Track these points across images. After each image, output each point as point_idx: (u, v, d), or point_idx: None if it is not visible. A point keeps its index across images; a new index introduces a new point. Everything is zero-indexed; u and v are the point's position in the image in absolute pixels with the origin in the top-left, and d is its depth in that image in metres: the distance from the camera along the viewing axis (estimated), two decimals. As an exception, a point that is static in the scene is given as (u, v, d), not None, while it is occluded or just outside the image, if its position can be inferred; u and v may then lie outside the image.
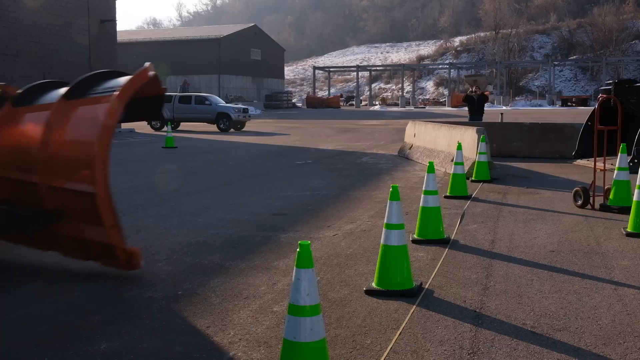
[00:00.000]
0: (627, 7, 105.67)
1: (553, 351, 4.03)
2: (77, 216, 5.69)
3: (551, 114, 49.19)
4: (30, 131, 6.05)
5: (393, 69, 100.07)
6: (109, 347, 4.10)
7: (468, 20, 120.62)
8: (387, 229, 5.18)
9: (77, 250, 5.93)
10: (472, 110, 24.41)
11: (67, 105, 5.88)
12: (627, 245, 6.97)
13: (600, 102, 9.99)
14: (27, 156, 5.94)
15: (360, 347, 4.10)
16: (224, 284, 5.49)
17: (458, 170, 10.28)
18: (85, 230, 5.66)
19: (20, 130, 6.20)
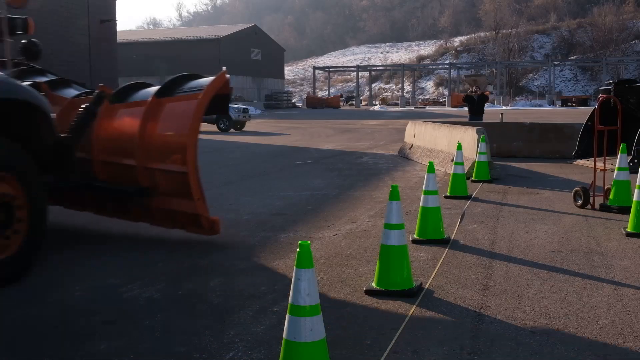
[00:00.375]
0: (627, 7, 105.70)
1: (553, 351, 4.04)
2: (167, 192, 6.93)
3: (551, 114, 49.19)
4: (128, 123, 7.28)
5: (393, 69, 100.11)
6: (109, 347, 4.10)
7: (468, 20, 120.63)
8: (387, 229, 5.18)
9: (165, 220, 7.16)
10: (472, 110, 24.42)
11: (158, 102, 7.16)
12: (627, 245, 6.97)
13: (600, 102, 9.99)
14: (125, 143, 7.13)
15: (360, 347, 4.10)
16: (224, 284, 5.49)
17: (458, 170, 10.28)
18: (173, 203, 6.89)
19: (119, 123, 7.40)
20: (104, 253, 6.63)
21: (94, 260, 6.34)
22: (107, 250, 6.74)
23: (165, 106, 7.13)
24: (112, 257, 6.47)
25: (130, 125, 7.21)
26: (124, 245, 6.97)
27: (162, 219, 7.17)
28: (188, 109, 6.80)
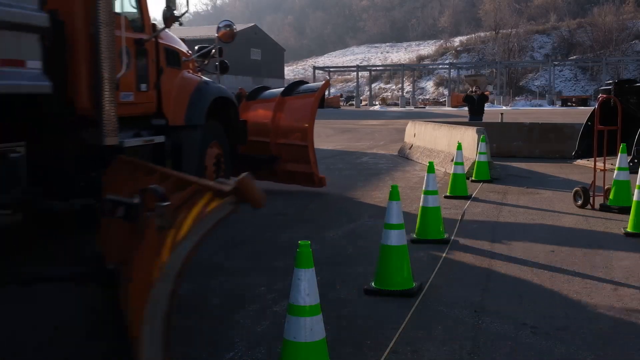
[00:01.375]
0: (627, 7, 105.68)
1: (553, 351, 4.03)
2: (289, 159, 10.34)
3: (551, 114, 49.19)
4: (262, 113, 10.71)
5: (393, 69, 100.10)
6: (109, 347, 4.10)
7: (468, 20, 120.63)
8: (387, 229, 5.18)
9: (287, 179, 10.60)
10: (472, 110, 24.45)
11: (282, 100, 10.73)
12: (627, 245, 6.97)
13: (600, 102, 9.99)
14: (261, 127, 10.43)
15: (360, 347, 4.10)
16: (224, 284, 5.49)
17: (458, 170, 10.28)
18: (294, 166, 10.33)
19: (255, 114, 10.72)
20: (104, 253, 6.63)
21: (94, 260, 6.33)
22: (107, 250, 6.73)
23: (287, 102, 10.67)
24: (112, 257, 6.47)
25: (264, 114, 10.66)
26: (124, 245, 6.97)
27: (284, 179, 10.59)
28: (307, 103, 10.47)
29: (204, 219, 3.02)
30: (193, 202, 3.08)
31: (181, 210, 3.09)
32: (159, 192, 3.26)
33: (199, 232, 3.09)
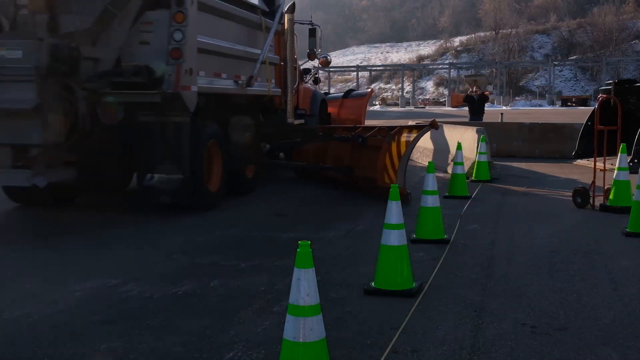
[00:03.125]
0: (627, 7, 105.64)
1: (553, 351, 4.03)
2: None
3: (551, 114, 49.16)
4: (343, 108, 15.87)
5: (393, 69, 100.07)
6: (109, 347, 4.10)
7: (468, 20, 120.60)
8: (387, 229, 5.17)
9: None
10: (473, 110, 24.44)
11: (343, 100, 15.79)
12: (627, 245, 6.97)
13: (600, 102, 9.99)
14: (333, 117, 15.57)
15: (360, 347, 4.10)
16: (224, 284, 5.49)
17: (458, 170, 10.28)
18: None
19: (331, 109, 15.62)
20: (104, 253, 6.63)
21: (94, 260, 6.34)
22: (106, 250, 6.74)
23: (346, 102, 15.89)
24: (112, 257, 6.47)
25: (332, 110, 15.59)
26: (124, 245, 6.97)
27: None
28: (361, 104, 16.25)
29: (413, 139, 9.42)
30: (399, 132, 9.67)
31: (396, 134, 9.65)
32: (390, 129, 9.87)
33: (412, 143, 9.47)
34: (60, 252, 6.67)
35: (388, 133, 9.92)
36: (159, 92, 7.94)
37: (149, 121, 8.23)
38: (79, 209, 9.40)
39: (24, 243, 7.15)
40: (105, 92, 7.88)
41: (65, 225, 8.15)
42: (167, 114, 8.17)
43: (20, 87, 7.32)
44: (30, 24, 7.85)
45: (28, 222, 8.42)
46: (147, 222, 8.37)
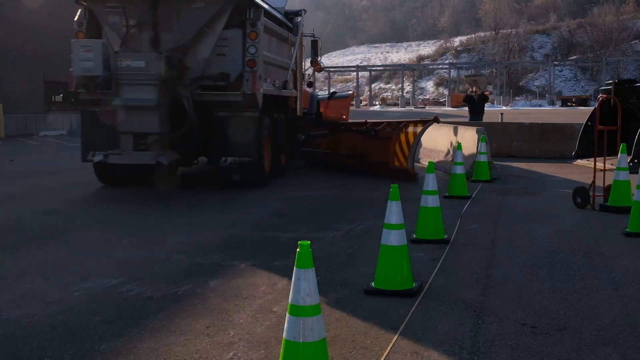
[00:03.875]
0: (627, 7, 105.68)
1: (553, 351, 4.03)
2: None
3: (551, 114, 49.15)
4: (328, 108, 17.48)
5: (393, 69, 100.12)
6: (108, 347, 4.10)
7: (468, 20, 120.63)
8: (387, 229, 5.17)
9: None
10: (472, 110, 24.45)
11: (328, 101, 17.83)
12: (627, 245, 6.97)
13: (600, 102, 9.99)
14: None
15: (360, 347, 4.10)
16: (224, 284, 5.49)
17: (458, 170, 10.28)
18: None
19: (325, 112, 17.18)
20: (104, 253, 6.63)
21: (94, 260, 6.34)
22: (106, 250, 6.74)
23: (330, 103, 17.80)
24: (112, 257, 6.47)
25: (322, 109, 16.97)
26: (124, 245, 6.97)
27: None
28: (344, 104, 19.28)
29: (420, 131, 12.04)
30: (406, 125, 12.32)
31: (404, 127, 12.28)
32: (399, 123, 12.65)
33: (419, 134, 12.06)
34: (61, 252, 6.67)
35: (397, 126, 12.70)
36: (240, 93, 10.40)
37: (224, 116, 10.63)
38: (79, 209, 9.41)
39: (24, 243, 7.15)
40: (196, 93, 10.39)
41: (65, 225, 8.15)
42: (241, 110, 10.60)
43: (144, 89, 9.75)
44: (138, 40, 10.50)
45: (28, 222, 8.43)
46: (147, 222, 8.37)
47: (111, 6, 10.69)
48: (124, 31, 10.57)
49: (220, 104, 10.60)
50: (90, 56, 10.23)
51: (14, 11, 28.54)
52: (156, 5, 10.50)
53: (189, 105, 10.23)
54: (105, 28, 10.84)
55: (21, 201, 10.14)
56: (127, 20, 10.53)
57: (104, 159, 10.13)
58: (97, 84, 10.30)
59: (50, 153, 20.39)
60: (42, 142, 25.38)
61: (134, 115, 9.87)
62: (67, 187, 11.80)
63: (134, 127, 9.95)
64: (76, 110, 12.74)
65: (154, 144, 10.02)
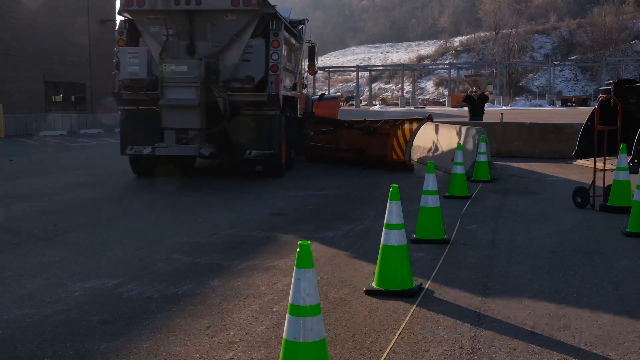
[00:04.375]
0: (627, 7, 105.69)
1: (553, 351, 4.03)
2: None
3: (551, 114, 49.17)
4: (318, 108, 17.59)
5: (393, 69, 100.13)
6: (108, 347, 4.10)
7: (468, 20, 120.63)
8: (387, 229, 5.17)
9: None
10: (472, 110, 24.46)
11: (318, 102, 18.21)
12: (627, 245, 6.97)
13: (600, 102, 9.98)
14: None
15: (360, 347, 4.10)
16: (224, 284, 5.49)
17: (458, 170, 10.28)
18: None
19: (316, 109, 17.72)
20: (104, 253, 6.63)
21: (94, 260, 6.34)
22: (106, 250, 6.74)
23: (321, 103, 18.41)
24: (112, 257, 6.47)
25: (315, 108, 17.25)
26: (124, 245, 6.97)
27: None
28: (333, 104, 20.93)
29: (416, 128, 13.63)
30: (402, 123, 13.94)
31: (400, 124, 13.88)
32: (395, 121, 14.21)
33: (415, 131, 13.66)
34: (61, 252, 6.67)
35: (394, 124, 14.40)
36: (266, 94, 11.86)
37: (250, 114, 12.03)
38: (79, 209, 9.41)
39: (24, 243, 7.15)
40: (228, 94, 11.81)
41: (65, 225, 8.15)
42: (264, 109, 12.04)
43: (186, 91, 11.36)
44: (176, 47, 12.07)
45: (29, 222, 8.43)
46: (148, 222, 8.37)
47: (153, 18, 12.01)
48: (163, 40, 11.94)
49: (246, 104, 12.05)
50: (136, 61, 11.53)
51: (13, 11, 28.53)
52: (193, 17, 11.93)
53: (224, 104, 11.66)
54: (145, 37, 12.18)
55: (21, 201, 10.14)
56: (167, 30, 11.90)
57: (152, 152, 11.70)
58: (143, 85, 11.64)
59: (50, 153, 20.39)
60: (42, 142, 25.38)
61: (177, 113, 11.53)
62: (68, 187, 11.80)
63: (177, 124, 11.59)
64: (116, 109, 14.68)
65: (194, 138, 11.65)
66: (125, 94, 12.05)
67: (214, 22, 11.97)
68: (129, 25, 12.37)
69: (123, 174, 13.96)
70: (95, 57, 33.11)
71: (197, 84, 11.39)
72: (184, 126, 11.61)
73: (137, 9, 11.86)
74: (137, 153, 11.89)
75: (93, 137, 28.44)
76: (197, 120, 11.58)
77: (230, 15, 11.87)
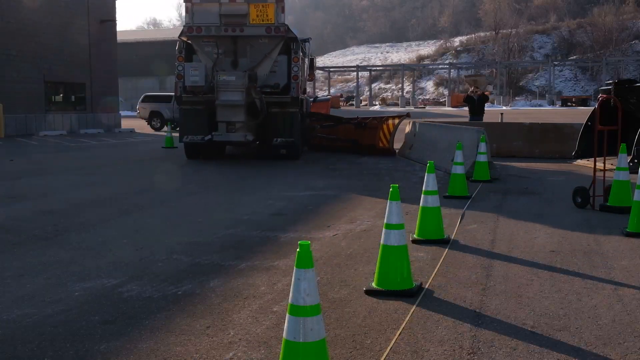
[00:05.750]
0: (627, 7, 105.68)
1: (553, 351, 4.04)
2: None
3: (551, 114, 49.18)
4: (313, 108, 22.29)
5: (393, 69, 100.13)
6: (108, 347, 4.10)
7: (468, 20, 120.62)
8: (387, 229, 5.17)
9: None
10: (473, 110, 24.47)
11: (314, 103, 24.35)
12: (627, 245, 6.97)
13: (600, 102, 9.98)
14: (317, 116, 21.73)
15: (360, 347, 4.10)
16: (223, 284, 5.49)
17: (458, 170, 10.28)
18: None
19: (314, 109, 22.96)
20: (104, 253, 6.63)
21: (94, 260, 6.34)
22: (106, 250, 6.74)
23: (316, 104, 24.73)
24: (112, 256, 6.47)
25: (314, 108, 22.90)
26: (124, 245, 6.97)
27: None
28: (325, 105, 31.55)
29: (397, 123, 17.95)
30: (387, 119, 18.18)
31: (385, 120, 18.23)
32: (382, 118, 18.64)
33: (396, 125, 17.90)
34: (61, 252, 6.67)
35: (380, 120, 18.61)
36: (289, 96, 16.00)
37: (277, 112, 15.94)
38: (79, 209, 9.41)
39: (24, 243, 7.16)
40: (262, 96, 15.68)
41: (64, 226, 8.15)
42: (287, 108, 16.00)
43: (234, 94, 15.32)
44: (224, 62, 16.06)
45: (28, 222, 8.43)
46: (147, 222, 8.37)
47: (206, 41, 16.01)
48: (214, 57, 15.97)
49: (274, 104, 15.89)
50: (197, 73, 15.67)
51: (14, 11, 28.52)
52: (236, 40, 16.05)
53: (260, 104, 15.54)
54: (200, 54, 16.19)
55: (21, 201, 10.14)
56: (217, 49, 15.96)
57: (211, 139, 15.64)
58: (202, 91, 15.65)
59: (50, 153, 20.39)
60: (42, 142, 25.37)
61: (228, 110, 15.42)
62: (68, 187, 11.80)
63: (228, 118, 15.49)
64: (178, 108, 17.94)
65: (240, 128, 15.58)
66: (185, 96, 15.94)
67: (252, 44, 16.07)
68: (186, 45, 16.42)
69: (123, 174, 13.97)
70: (95, 57, 33.10)
71: (243, 89, 15.26)
72: (233, 120, 15.48)
73: (196, 35, 15.81)
74: (191, 141, 15.86)
75: (93, 137, 28.43)
76: (242, 116, 15.42)
77: (264, 39, 15.91)
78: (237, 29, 15.59)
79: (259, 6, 15.62)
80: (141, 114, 34.41)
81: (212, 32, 15.65)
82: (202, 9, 15.70)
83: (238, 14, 15.63)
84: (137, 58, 64.19)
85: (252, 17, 15.64)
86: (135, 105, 42.70)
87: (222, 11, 15.62)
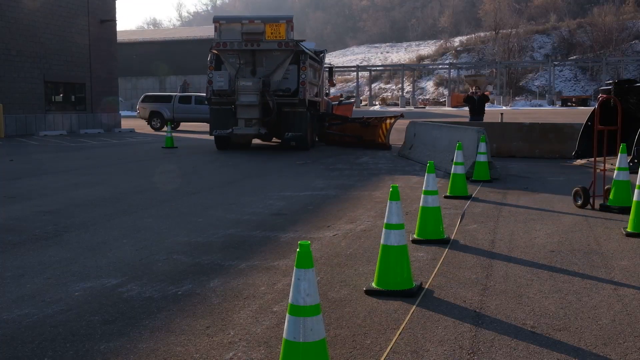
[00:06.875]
0: (627, 7, 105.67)
1: (553, 351, 4.04)
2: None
3: (551, 114, 49.19)
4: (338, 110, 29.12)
5: (393, 69, 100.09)
6: (108, 347, 4.10)
7: (468, 20, 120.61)
8: (387, 229, 5.17)
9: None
10: (473, 110, 24.48)
11: (338, 106, 30.65)
12: (627, 245, 6.97)
13: (600, 102, 9.97)
14: None
15: (360, 347, 4.10)
16: (224, 284, 5.49)
17: (458, 170, 10.28)
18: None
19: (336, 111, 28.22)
20: (104, 253, 6.63)
21: (94, 260, 6.34)
22: (106, 250, 6.74)
23: (340, 107, 31.28)
24: (112, 257, 6.47)
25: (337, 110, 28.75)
26: (124, 245, 6.97)
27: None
28: (348, 107, 34.68)
29: (393, 122, 21.20)
30: (385, 119, 21.57)
31: (384, 120, 21.58)
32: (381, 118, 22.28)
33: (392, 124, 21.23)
34: (61, 252, 6.67)
35: (380, 119, 21.85)
36: (298, 98, 19.28)
37: (288, 111, 19.41)
38: (79, 209, 9.41)
39: (24, 243, 7.16)
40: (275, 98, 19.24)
41: (64, 225, 8.16)
42: (296, 108, 19.37)
43: (251, 96, 18.88)
44: (245, 71, 19.57)
45: (29, 222, 8.43)
46: (147, 222, 8.37)
47: (231, 53, 19.56)
48: (237, 66, 19.54)
49: (286, 104, 19.37)
50: (222, 79, 19.34)
51: (14, 11, 28.52)
52: (254, 53, 19.47)
53: (272, 104, 18.96)
54: (226, 64, 19.79)
55: (21, 201, 10.14)
56: (239, 60, 19.53)
57: (232, 132, 19.12)
58: (226, 93, 19.31)
59: (51, 153, 20.39)
60: (42, 142, 25.37)
61: (246, 109, 18.98)
62: (68, 187, 11.80)
63: (246, 115, 19.03)
64: None
65: (256, 124, 19.07)
66: (214, 99, 19.65)
67: (267, 56, 19.53)
68: (215, 57, 20.07)
69: (123, 174, 13.97)
70: (95, 57, 33.09)
71: (257, 92, 18.88)
72: (250, 117, 19.02)
73: (223, 49, 19.46)
74: (219, 134, 19.54)
75: (93, 137, 28.43)
76: (257, 113, 19.01)
77: (277, 52, 19.41)
78: (255, 44, 19.24)
79: (273, 25, 19.34)
80: (141, 114, 34.43)
81: (235, 46, 19.39)
82: (228, 28, 19.46)
83: (256, 32, 19.24)
84: (137, 58, 64.23)
85: (267, 35, 19.23)
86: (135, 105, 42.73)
87: (243, 30, 19.30)
